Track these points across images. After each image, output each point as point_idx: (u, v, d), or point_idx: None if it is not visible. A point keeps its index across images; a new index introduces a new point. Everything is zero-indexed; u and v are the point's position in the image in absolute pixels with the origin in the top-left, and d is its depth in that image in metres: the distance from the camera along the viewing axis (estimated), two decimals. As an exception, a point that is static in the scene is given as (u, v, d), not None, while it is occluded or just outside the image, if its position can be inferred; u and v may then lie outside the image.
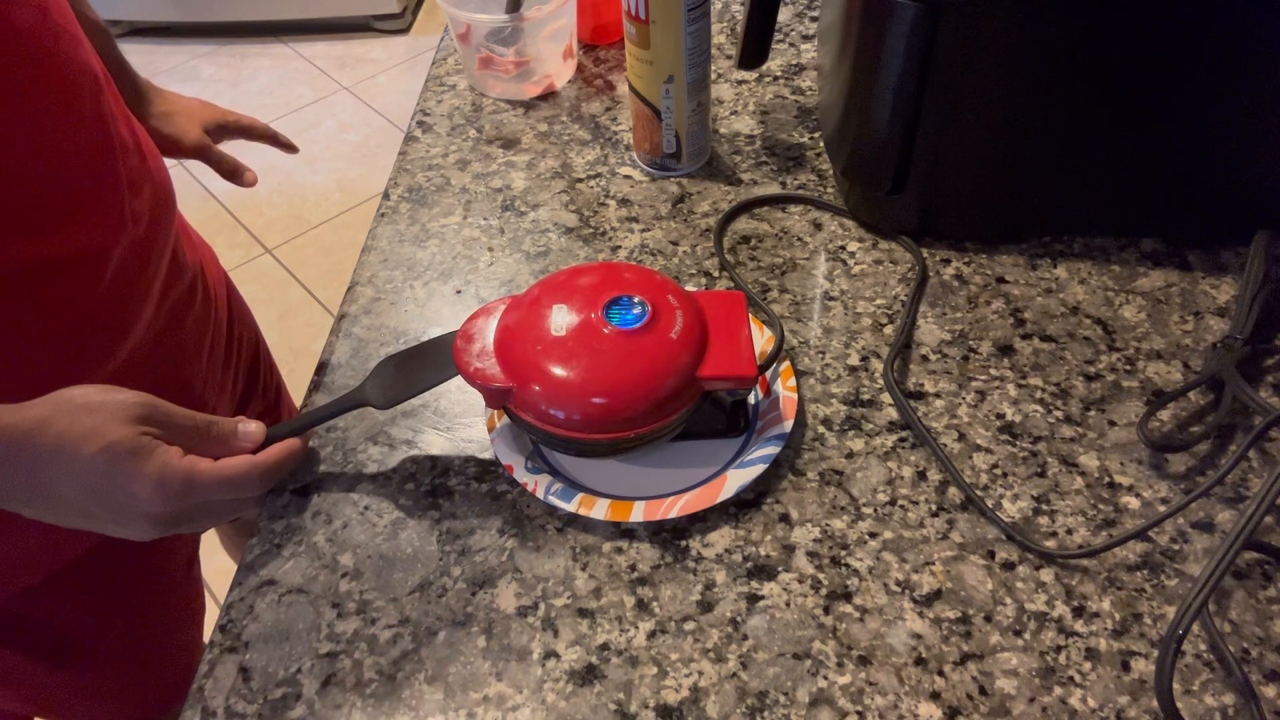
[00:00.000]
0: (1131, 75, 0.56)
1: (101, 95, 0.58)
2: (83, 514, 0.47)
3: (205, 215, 2.15)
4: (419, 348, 0.55)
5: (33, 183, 0.52)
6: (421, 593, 0.50)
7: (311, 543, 0.53)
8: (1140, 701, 0.44)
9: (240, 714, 0.46)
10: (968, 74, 0.57)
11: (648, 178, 0.74)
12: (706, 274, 0.66)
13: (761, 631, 0.48)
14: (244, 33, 2.70)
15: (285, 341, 1.83)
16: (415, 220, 0.72)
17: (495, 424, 0.56)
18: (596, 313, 0.50)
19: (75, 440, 0.45)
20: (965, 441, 0.55)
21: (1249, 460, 0.53)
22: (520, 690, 0.46)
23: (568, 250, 0.68)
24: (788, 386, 0.57)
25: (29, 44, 0.51)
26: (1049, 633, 0.47)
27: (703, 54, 0.67)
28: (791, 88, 0.80)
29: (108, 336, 0.59)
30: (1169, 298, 0.62)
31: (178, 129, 0.82)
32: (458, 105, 0.83)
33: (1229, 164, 0.61)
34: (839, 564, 0.50)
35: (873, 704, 0.45)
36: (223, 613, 0.51)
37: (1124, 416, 0.55)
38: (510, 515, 0.53)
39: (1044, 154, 0.61)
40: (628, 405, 0.49)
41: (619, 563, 0.51)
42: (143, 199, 0.60)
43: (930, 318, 0.62)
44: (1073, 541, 0.50)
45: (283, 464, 0.52)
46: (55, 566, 0.62)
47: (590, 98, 0.82)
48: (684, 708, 0.45)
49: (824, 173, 0.72)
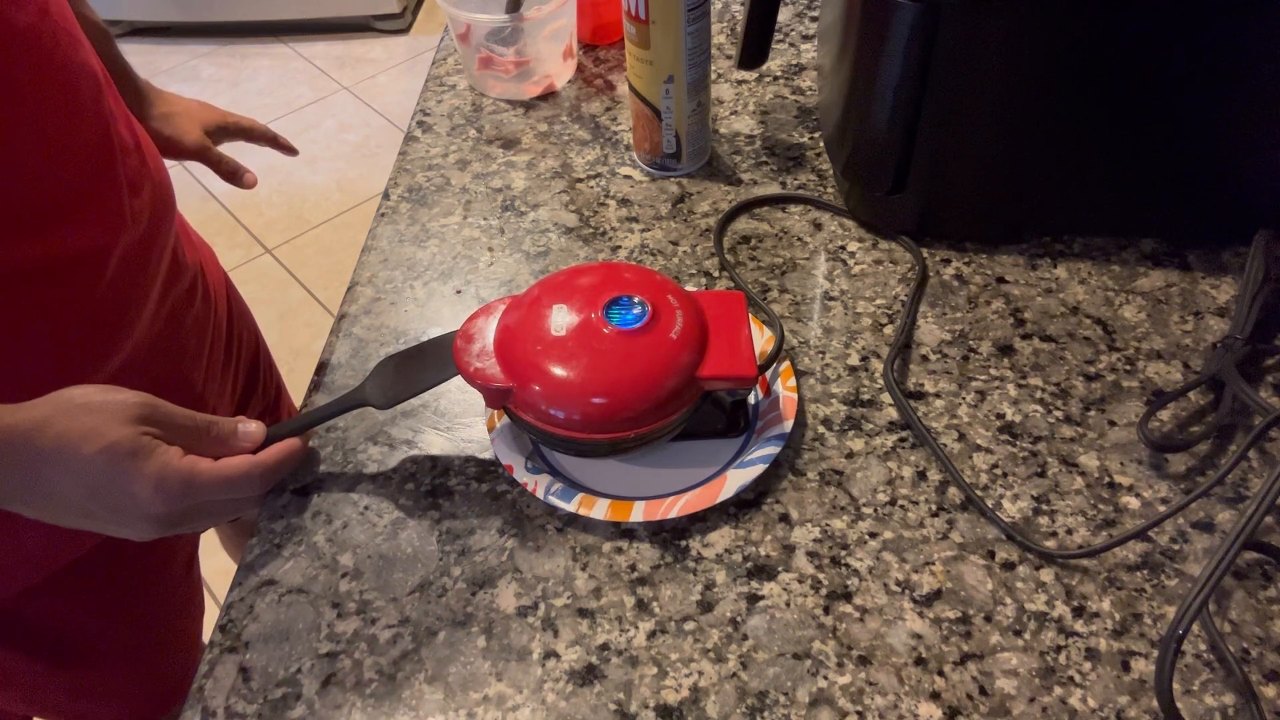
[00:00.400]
0: (1132, 75, 0.56)
1: (101, 95, 0.58)
2: (83, 514, 0.47)
3: (205, 215, 2.15)
4: (419, 348, 0.55)
5: (33, 183, 0.52)
6: (421, 593, 0.50)
7: (311, 543, 0.53)
8: (1140, 701, 0.44)
9: (240, 714, 0.46)
10: (968, 74, 0.57)
11: (648, 178, 0.74)
12: (706, 274, 0.66)
13: (761, 631, 0.48)
14: (244, 33, 2.70)
15: (285, 341, 1.83)
16: (415, 220, 0.72)
17: (495, 424, 0.56)
18: (596, 313, 0.50)
19: (75, 440, 0.45)
20: (965, 441, 0.55)
21: (1249, 460, 0.53)
22: (520, 690, 0.46)
23: (568, 250, 0.68)
24: (788, 386, 0.57)
25: (29, 44, 0.51)
26: (1049, 633, 0.47)
27: (703, 54, 0.67)
28: (791, 88, 0.80)
29: (107, 337, 0.59)
30: (1169, 298, 0.62)
31: (177, 130, 0.82)
32: (458, 105, 0.83)
33: (1229, 164, 0.61)
34: (839, 564, 0.50)
35: (873, 704, 0.45)
36: (223, 613, 0.51)
37: (1124, 416, 0.55)
38: (510, 515, 0.53)
39: (1044, 154, 0.61)
40: (628, 405, 0.49)
41: (619, 563, 0.51)
42: (143, 199, 0.60)
43: (930, 318, 0.62)
44: (1073, 541, 0.50)
45: (283, 464, 0.52)
46: (55, 566, 0.62)
47: (590, 98, 0.82)
48: (684, 708, 0.45)
49: (824, 173, 0.72)
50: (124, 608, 0.70)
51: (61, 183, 0.54)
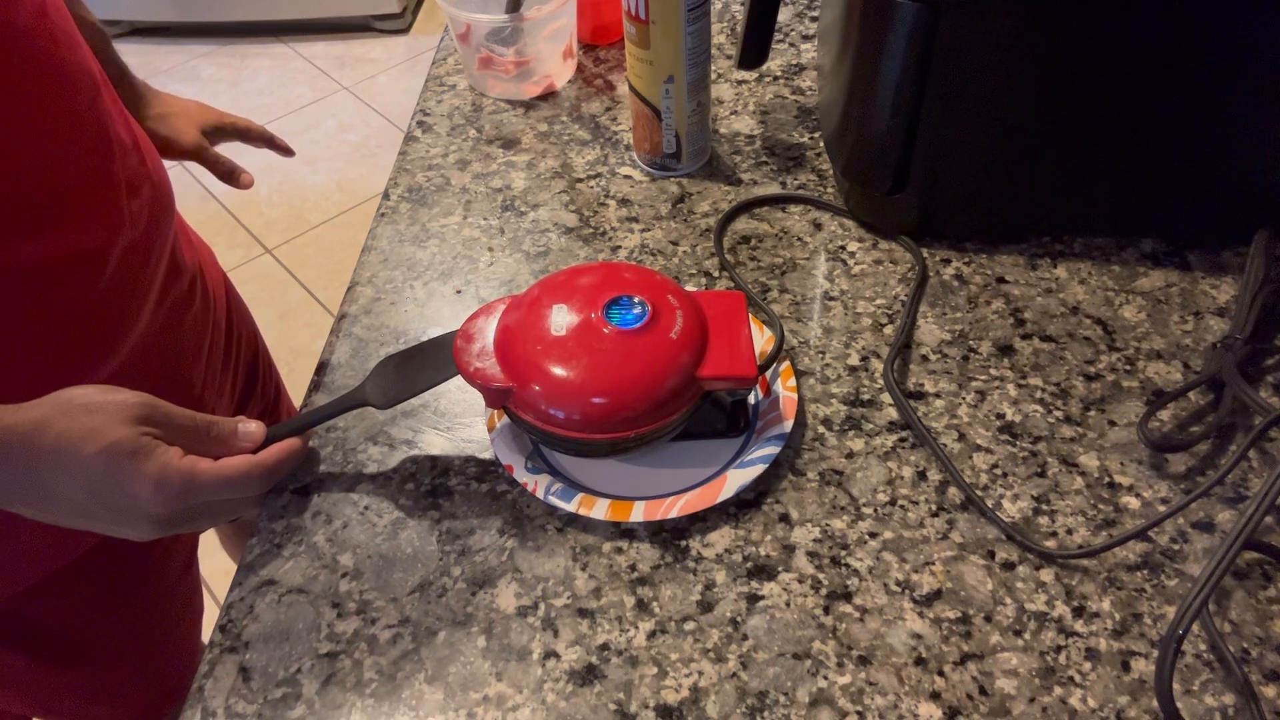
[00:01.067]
0: (1132, 75, 0.56)
1: (99, 96, 0.58)
2: (83, 514, 0.47)
3: (205, 215, 2.15)
4: (419, 348, 0.55)
5: (31, 183, 0.52)
6: (421, 593, 0.50)
7: (311, 543, 0.53)
8: (1140, 701, 0.44)
9: (240, 714, 0.46)
10: (968, 74, 0.57)
11: (648, 178, 0.74)
12: (706, 274, 0.66)
13: (761, 631, 0.48)
14: (244, 33, 2.70)
15: (285, 341, 1.83)
16: (415, 220, 0.72)
17: (495, 424, 0.56)
18: (596, 313, 0.50)
19: (75, 441, 0.45)
20: (965, 441, 0.55)
21: (1249, 460, 0.53)
22: (520, 690, 0.46)
23: (568, 250, 0.68)
24: (788, 386, 0.57)
25: (27, 45, 0.51)
26: (1049, 633, 0.47)
27: (703, 54, 0.67)
28: (791, 88, 0.80)
29: (106, 337, 0.59)
30: (1169, 298, 0.62)
31: (174, 131, 0.82)
32: (458, 105, 0.83)
33: (1229, 164, 0.61)
34: (839, 564, 0.50)
35: (873, 704, 0.45)
36: (223, 613, 0.51)
37: (1124, 416, 0.55)
38: (510, 515, 0.53)
39: (1044, 154, 0.61)
40: (628, 405, 0.49)
41: (619, 563, 0.51)
42: (141, 199, 0.60)
43: (930, 318, 0.62)
44: (1073, 541, 0.50)
45: (282, 464, 0.52)
46: (55, 566, 0.62)
47: (590, 98, 0.82)
48: (684, 708, 0.45)
49: (824, 173, 0.72)
50: (123, 608, 0.70)
51: (60, 183, 0.54)
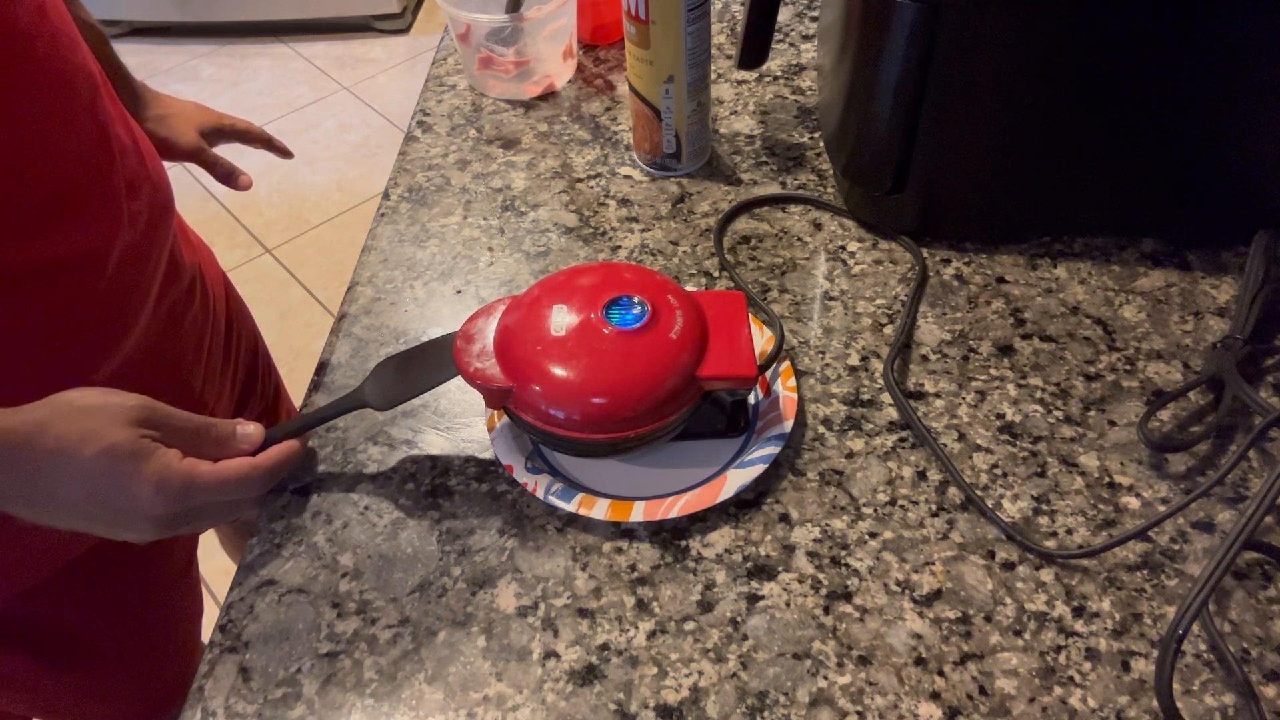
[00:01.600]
0: (1131, 75, 0.56)
1: (99, 97, 0.58)
2: (83, 516, 0.47)
3: (205, 215, 2.15)
4: (419, 348, 0.55)
5: (31, 184, 0.52)
6: (421, 593, 0.50)
7: (311, 543, 0.53)
8: (1140, 701, 0.44)
9: (240, 714, 0.46)
10: (967, 74, 0.57)
11: (648, 178, 0.74)
12: (706, 274, 0.66)
13: (761, 631, 0.48)
14: (244, 33, 2.70)
15: (285, 341, 1.83)
16: (415, 220, 0.72)
17: (495, 424, 0.56)
18: (596, 313, 0.50)
19: (75, 443, 0.45)
20: (965, 441, 0.55)
21: (1249, 460, 0.53)
22: (520, 690, 0.46)
23: (568, 250, 0.68)
24: (788, 386, 0.57)
25: (27, 45, 0.51)
26: (1049, 633, 0.47)
27: (703, 54, 0.67)
28: (791, 88, 0.80)
29: (106, 337, 0.59)
30: (1169, 298, 0.62)
31: (173, 132, 0.82)
32: (458, 105, 0.83)
33: (1229, 164, 0.61)
34: (839, 564, 0.50)
35: (873, 704, 0.45)
36: (223, 613, 0.51)
37: (1124, 416, 0.55)
38: (510, 515, 0.53)
39: (1044, 154, 0.61)
40: (628, 405, 0.49)
41: (619, 563, 0.51)
42: (141, 200, 0.60)
43: (930, 318, 0.62)
44: (1073, 541, 0.50)
45: (282, 465, 0.52)
46: (55, 567, 0.62)
47: (590, 98, 0.82)
48: (684, 708, 0.45)
49: (824, 173, 0.72)
50: (123, 608, 0.70)
51: (59, 184, 0.54)
